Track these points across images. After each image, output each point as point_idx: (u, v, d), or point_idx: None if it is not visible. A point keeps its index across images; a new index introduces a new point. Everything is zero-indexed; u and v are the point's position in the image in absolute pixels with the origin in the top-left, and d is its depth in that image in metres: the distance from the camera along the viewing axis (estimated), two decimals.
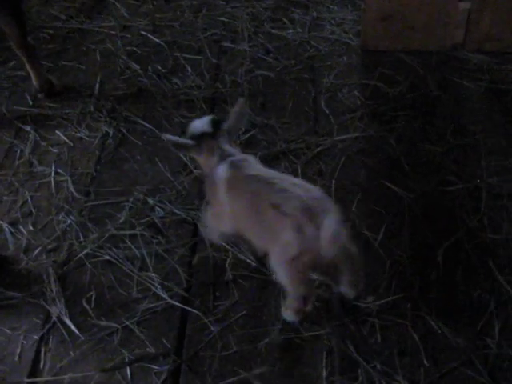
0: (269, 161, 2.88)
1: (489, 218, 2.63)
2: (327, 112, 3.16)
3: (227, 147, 2.27)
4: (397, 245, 2.54)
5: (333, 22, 3.82)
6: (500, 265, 2.45)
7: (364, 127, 3.07)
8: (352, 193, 2.75)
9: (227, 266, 2.48)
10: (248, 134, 3.03)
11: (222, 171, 2.22)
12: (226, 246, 2.52)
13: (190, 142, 2.26)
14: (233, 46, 3.65)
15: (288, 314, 2.30)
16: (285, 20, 3.84)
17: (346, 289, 2.31)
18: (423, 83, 3.35)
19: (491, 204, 2.68)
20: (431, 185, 2.79)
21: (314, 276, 2.36)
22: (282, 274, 2.16)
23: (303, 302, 2.25)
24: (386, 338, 2.24)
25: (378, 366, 2.15)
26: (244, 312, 2.34)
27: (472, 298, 2.36)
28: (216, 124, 2.27)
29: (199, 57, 3.58)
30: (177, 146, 2.30)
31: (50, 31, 3.89)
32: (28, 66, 3.31)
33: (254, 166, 2.24)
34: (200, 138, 2.25)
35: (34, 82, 3.34)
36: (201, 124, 2.28)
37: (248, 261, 2.48)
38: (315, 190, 2.10)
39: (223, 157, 2.24)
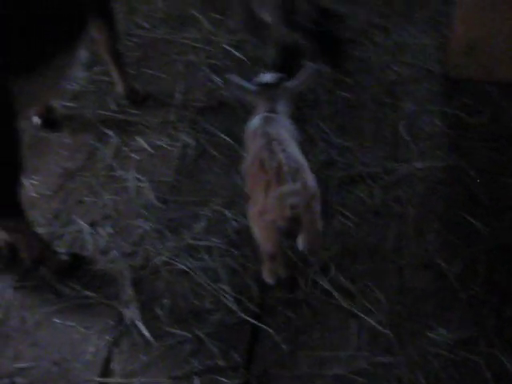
0: (346, 183, 2.89)
1: None
2: (406, 138, 3.14)
3: (279, 104, 2.54)
4: (472, 278, 2.51)
5: (415, 47, 3.79)
6: None
7: (443, 156, 3.04)
8: (429, 222, 2.73)
9: (301, 285, 2.49)
10: (326, 155, 3.05)
11: (252, 122, 2.51)
12: (302, 265, 2.54)
13: (252, 87, 2.57)
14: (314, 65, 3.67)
15: (264, 275, 2.47)
16: (366, 42, 3.84)
17: (303, 245, 2.42)
18: (506, 115, 3.30)
19: None
20: (509, 220, 2.74)
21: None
22: (252, 226, 2.35)
23: (271, 261, 2.40)
24: (458, 373, 2.21)
25: None
26: (316, 334, 2.34)
27: None
28: (281, 80, 2.57)
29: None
30: (239, 88, 2.59)
31: (135, 39, 3.98)
32: (115, 72, 3.40)
33: (279, 124, 2.46)
34: (262, 86, 2.56)
35: (120, 87, 3.43)
36: (268, 76, 2.61)
37: (321, 283, 2.49)
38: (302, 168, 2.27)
39: (269, 110, 2.51)
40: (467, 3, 3.37)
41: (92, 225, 2.78)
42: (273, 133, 2.38)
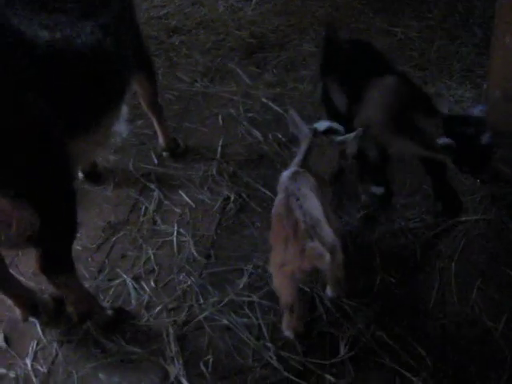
0: (387, 238, 2.90)
1: None
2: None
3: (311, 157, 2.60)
4: None
5: (451, 98, 3.83)
6: None
7: (484, 210, 3.03)
8: (472, 278, 2.71)
9: (342, 342, 2.48)
10: (368, 210, 3.07)
11: (284, 174, 2.55)
12: (344, 322, 2.54)
13: (305, 129, 2.66)
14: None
15: (284, 328, 2.50)
16: None
17: (328, 290, 2.62)
18: None
19: None
20: None
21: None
22: (273, 277, 2.42)
23: (289, 313, 2.44)
24: None
25: None
26: None
27: None
28: (329, 132, 2.71)
29: None
30: (293, 124, 2.68)
31: (175, 93, 4.10)
32: (156, 125, 3.50)
33: (303, 179, 2.49)
34: (310, 131, 2.65)
35: (161, 140, 3.52)
36: (322, 124, 2.77)
37: (364, 340, 2.48)
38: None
39: (297, 163, 2.59)
40: (503, 55, 3.39)
41: (135, 279, 2.83)
42: (292, 188, 2.43)
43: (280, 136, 3.60)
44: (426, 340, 2.48)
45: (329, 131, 2.72)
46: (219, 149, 3.54)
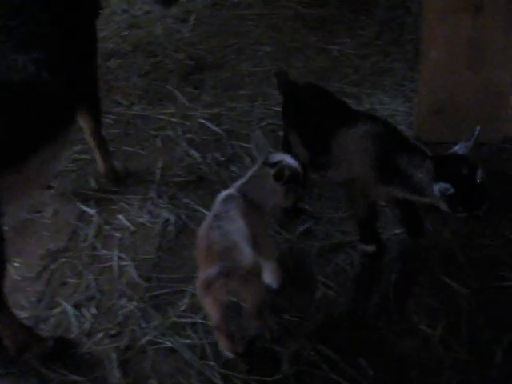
0: (326, 252, 2.95)
1: None
2: (382, 204, 3.20)
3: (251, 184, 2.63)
4: (455, 341, 2.54)
5: (385, 113, 3.92)
6: None
7: None
8: (409, 287, 2.78)
9: (285, 358, 2.49)
10: (305, 226, 3.11)
11: (219, 195, 2.61)
12: (285, 338, 2.56)
13: (268, 154, 2.68)
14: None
15: (221, 347, 2.46)
16: None
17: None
18: None
19: None
20: (488, 280, 2.80)
21: None
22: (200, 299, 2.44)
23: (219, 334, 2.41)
24: None
25: None
26: None
27: None
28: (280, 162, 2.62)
29: None
30: (256, 145, 2.69)
31: (113, 117, 4.08)
32: (97, 154, 3.46)
33: (234, 202, 2.53)
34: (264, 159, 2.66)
35: (100, 168, 3.49)
36: (278, 156, 2.70)
37: (306, 355, 2.51)
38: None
39: (235, 186, 2.63)
40: (430, 69, 3.52)
41: (76, 306, 2.79)
42: (219, 209, 2.46)
43: (218, 156, 3.63)
44: (367, 351, 2.52)
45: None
46: (158, 171, 3.55)
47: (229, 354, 2.46)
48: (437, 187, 2.50)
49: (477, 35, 3.39)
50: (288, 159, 2.69)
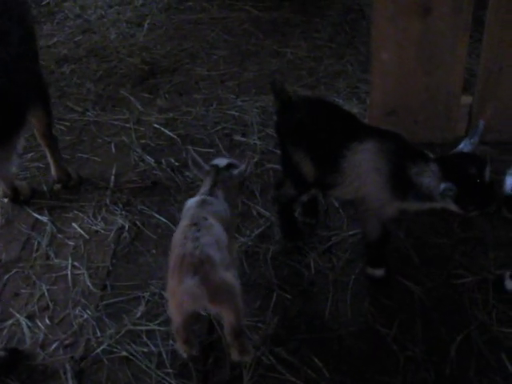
0: (281, 255, 2.96)
1: (498, 310, 2.67)
2: (337, 205, 3.24)
3: (218, 189, 2.60)
4: (410, 340, 2.57)
5: None
6: None
7: None
8: (364, 288, 2.80)
9: (244, 365, 2.49)
10: (260, 229, 3.11)
11: (188, 202, 2.58)
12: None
13: (205, 166, 2.69)
14: (243, 139, 3.79)
15: (177, 348, 2.48)
16: None
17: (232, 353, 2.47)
18: None
19: (500, 296, 2.73)
20: (441, 278, 2.84)
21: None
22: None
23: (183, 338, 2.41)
24: None
25: None
26: None
27: None
28: (229, 167, 2.66)
29: (211, 150, 3.70)
30: (194, 163, 2.69)
31: (67, 123, 4.04)
32: (49, 156, 3.42)
33: (211, 207, 2.51)
34: (212, 167, 2.67)
35: (53, 172, 3.45)
36: (221, 160, 2.73)
37: (264, 359, 2.51)
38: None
39: (204, 193, 2.59)
40: (381, 71, 3.56)
41: (29, 317, 2.74)
42: (198, 216, 2.42)
43: (173, 161, 3.61)
44: (323, 351, 2.54)
45: (229, 166, 2.68)
46: (112, 177, 3.51)
47: (184, 355, 2.46)
48: (441, 188, 2.42)
49: (426, 37, 3.44)
50: (231, 160, 2.78)
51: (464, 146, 2.58)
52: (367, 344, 2.57)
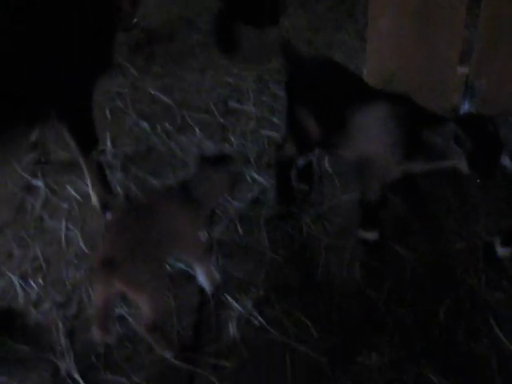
0: (274, 219, 2.97)
1: (488, 276, 2.70)
2: (331, 172, 3.25)
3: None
4: (399, 303, 2.60)
5: None
6: (501, 322, 2.51)
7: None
8: (355, 252, 2.82)
9: (231, 324, 2.52)
10: (253, 194, 3.12)
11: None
12: (233, 305, 2.59)
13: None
14: (239, 106, 3.78)
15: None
16: None
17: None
18: None
19: (490, 262, 2.75)
20: (433, 244, 2.86)
21: None
22: None
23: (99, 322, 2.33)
24: None
25: None
26: (251, 371, 2.38)
27: (474, 355, 2.41)
28: (219, 160, 2.57)
29: (207, 116, 3.70)
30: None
31: None
32: None
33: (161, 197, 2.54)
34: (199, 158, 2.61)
35: None
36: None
37: (253, 320, 2.54)
38: None
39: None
40: (378, 38, 3.52)
41: (23, 277, 2.76)
42: (150, 199, 2.53)
43: (168, 126, 3.60)
44: (314, 314, 2.57)
45: (219, 160, 2.58)
46: (107, 142, 3.50)
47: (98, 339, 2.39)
48: (458, 145, 2.41)
49: (424, 6, 3.41)
50: (225, 154, 2.75)
51: (467, 106, 2.67)
52: (357, 306, 2.60)
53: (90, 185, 3.03)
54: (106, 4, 2.63)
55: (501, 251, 2.75)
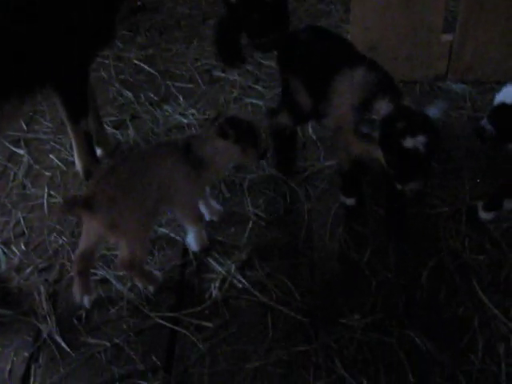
0: (257, 184, 2.96)
1: (471, 239, 2.70)
2: (314, 138, 3.24)
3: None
4: (382, 265, 2.60)
5: None
6: (483, 284, 2.51)
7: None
8: (338, 216, 2.82)
9: (214, 286, 2.52)
10: None
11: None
12: (215, 268, 2.59)
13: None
14: (223, 75, 3.76)
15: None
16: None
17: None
18: None
19: (473, 226, 2.76)
20: (416, 208, 2.86)
21: None
22: None
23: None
24: (372, 355, 2.29)
25: (365, 383, 2.19)
26: (233, 331, 2.38)
27: (456, 316, 2.42)
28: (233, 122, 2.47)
29: (191, 85, 3.67)
30: None
31: None
32: None
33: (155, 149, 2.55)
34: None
35: None
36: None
37: (235, 282, 2.54)
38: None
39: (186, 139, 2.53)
40: (361, 6, 3.50)
41: (5, 244, 2.75)
42: (141, 151, 2.63)
43: (152, 95, 3.58)
44: (296, 276, 2.57)
45: (234, 123, 2.46)
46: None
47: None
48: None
49: None
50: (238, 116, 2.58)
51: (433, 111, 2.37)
52: (340, 269, 2.61)
53: (75, 152, 3.00)
54: None
55: (484, 216, 2.76)
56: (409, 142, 2.20)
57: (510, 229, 2.72)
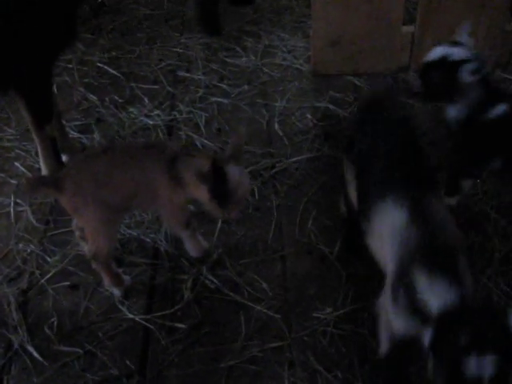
0: None
1: None
2: (281, 134, 3.25)
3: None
4: (352, 257, 2.62)
5: (284, 49, 3.94)
6: None
7: (317, 147, 3.17)
8: (308, 211, 2.84)
9: (186, 287, 2.52)
10: None
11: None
12: (187, 268, 2.59)
13: None
14: (188, 74, 3.75)
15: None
16: (238, 48, 3.96)
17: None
18: None
19: None
20: None
21: None
22: None
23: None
24: (345, 347, 2.31)
25: (340, 375, 2.21)
26: (206, 331, 2.38)
27: None
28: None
29: (155, 86, 3.66)
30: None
31: None
32: None
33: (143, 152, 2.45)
34: None
35: None
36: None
37: (207, 282, 2.54)
38: None
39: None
40: (323, 2, 3.51)
41: None
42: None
43: (117, 98, 3.56)
44: (267, 272, 2.58)
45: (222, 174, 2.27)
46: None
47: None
48: None
49: None
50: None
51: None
52: (310, 263, 2.62)
53: (41, 158, 2.96)
54: None
55: (447, 201, 2.80)
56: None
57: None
